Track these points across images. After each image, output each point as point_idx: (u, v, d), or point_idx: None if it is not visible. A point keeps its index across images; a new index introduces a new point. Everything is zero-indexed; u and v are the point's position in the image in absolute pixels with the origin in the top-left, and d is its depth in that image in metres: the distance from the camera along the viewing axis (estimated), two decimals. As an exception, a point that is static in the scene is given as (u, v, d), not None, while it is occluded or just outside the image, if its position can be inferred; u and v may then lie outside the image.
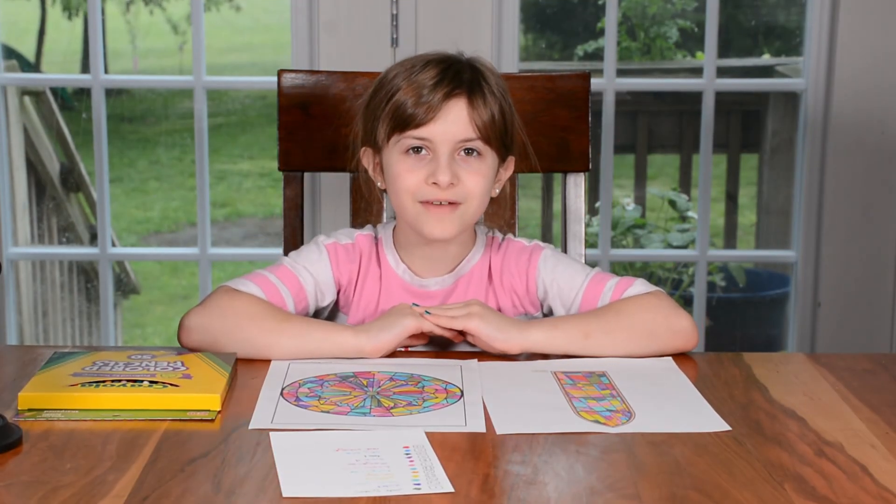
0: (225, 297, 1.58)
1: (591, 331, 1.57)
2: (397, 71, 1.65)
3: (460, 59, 1.65)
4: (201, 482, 1.16)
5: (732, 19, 4.06)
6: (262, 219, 6.72)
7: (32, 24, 7.01)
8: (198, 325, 1.56)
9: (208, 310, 1.57)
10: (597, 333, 1.57)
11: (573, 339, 1.57)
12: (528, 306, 1.70)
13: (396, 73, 1.64)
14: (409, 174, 1.61)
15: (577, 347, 1.57)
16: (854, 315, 2.80)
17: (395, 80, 1.63)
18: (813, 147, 2.77)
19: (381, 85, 1.66)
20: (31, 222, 3.89)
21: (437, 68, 1.62)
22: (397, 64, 1.67)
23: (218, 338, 1.55)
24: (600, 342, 1.57)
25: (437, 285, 1.69)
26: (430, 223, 1.61)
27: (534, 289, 1.69)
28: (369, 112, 1.67)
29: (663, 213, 4.06)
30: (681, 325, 1.59)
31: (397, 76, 1.64)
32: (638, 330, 1.58)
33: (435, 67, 1.62)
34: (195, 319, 1.57)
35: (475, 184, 1.62)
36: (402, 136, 1.61)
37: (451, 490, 1.14)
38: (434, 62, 1.63)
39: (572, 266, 1.69)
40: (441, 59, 1.64)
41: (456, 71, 1.62)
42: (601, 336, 1.57)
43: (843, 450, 1.26)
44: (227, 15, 7.99)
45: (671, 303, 1.61)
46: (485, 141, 1.62)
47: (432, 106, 1.59)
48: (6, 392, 1.41)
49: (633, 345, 1.58)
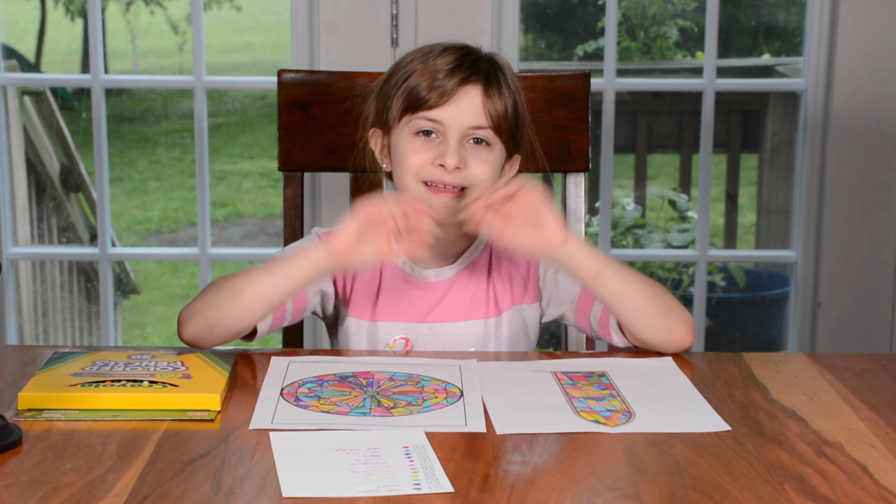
0: (208, 285, 1.60)
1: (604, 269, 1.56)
2: (414, 55, 1.66)
3: (479, 51, 1.66)
4: (201, 482, 1.16)
5: (732, 19, 4.06)
6: (262, 219, 6.72)
7: (32, 24, 7.01)
8: (189, 312, 1.56)
9: (196, 298, 1.58)
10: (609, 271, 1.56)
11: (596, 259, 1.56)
12: (525, 296, 1.70)
13: (413, 58, 1.65)
14: (416, 154, 1.61)
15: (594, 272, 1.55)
16: (854, 315, 2.80)
17: (412, 64, 1.64)
18: (813, 147, 2.77)
19: (396, 68, 1.66)
20: (31, 222, 3.89)
21: (456, 55, 1.63)
22: (414, 50, 1.68)
23: (206, 315, 1.54)
24: (611, 280, 1.56)
25: (437, 277, 1.69)
26: (433, 203, 1.60)
27: (535, 277, 1.69)
28: (383, 93, 1.67)
29: (663, 213, 4.06)
30: (684, 315, 1.59)
31: (414, 60, 1.64)
32: (648, 294, 1.57)
33: (453, 53, 1.63)
34: (186, 310, 1.57)
35: (482, 171, 1.61)
36: (414, 117, 1.62)
37: (451, 490, 1.14)
38: (452, 49, 1.64)
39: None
40: (460, 46, 1.66)
41: (474, 59, 1.63)
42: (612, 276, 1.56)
43: (843, 450, 1.26)
44: (227, 15, 7.98)
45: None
46: (495, 131, 1.62)
47: (447, 90, 1.60)
48: (6, 392, 1.41)
49: (638, 303, 1.56)
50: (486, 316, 1.69)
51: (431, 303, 1.68)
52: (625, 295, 1.57)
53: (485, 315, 1.69)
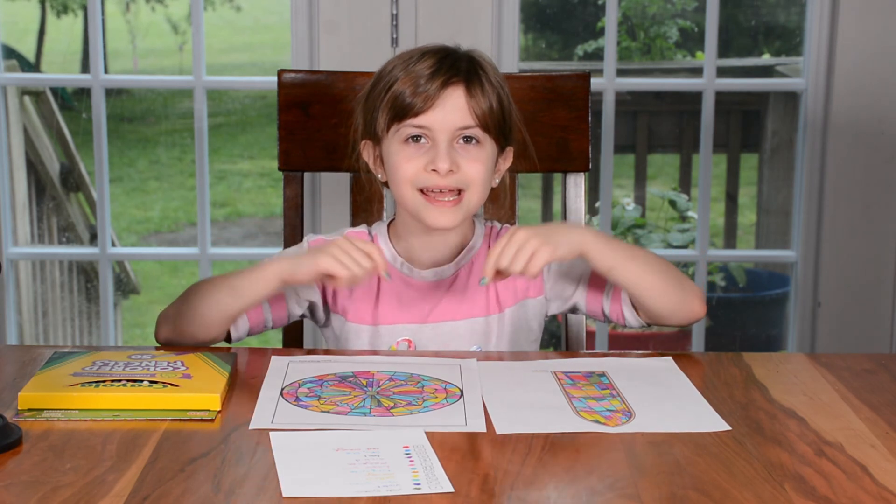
0: (189, 288, 1.64)
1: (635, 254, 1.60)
2: (395, 63, 1.66)
3: (457, 50, 1.67)
4: (201, 482, 1.16)
5: (732, 19, 4.06)
6: (262, 219, 6.72)
7: (32, 24, 7.01)
8: (164, 317, 1.63)
9: (174, 302, 1.64)
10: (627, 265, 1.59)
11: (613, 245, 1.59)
12: (529, 290, 1.70)
13: (394, 66, 1.65)
14: (409, 162, 1.62)
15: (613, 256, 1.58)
16: (854, 315, 2.80)
17: (393, 72, 1.64)
18: (813, 147, 2.77)
19: (379, 77, 1.67)
20: (31, 222, 3.89)
21: (434, 58, 1.63)
22: (395, 57, 1.68)
23: (177, 323, 1.61)
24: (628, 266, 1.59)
25: (436, 276, 1.69)
26: (432, 213, 1.62)
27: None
28: (368, 104, 1.68)
29: (663, 212, 4.06)
30: (694, 289, 1.63)
31: (395, 68, 1.65)
32: (664, 272, 1.61)
33: (432, 57, 1.63)
34: (163, 313, 1.63)
35: (475, 171, 1.62)
36: (401, 126, 1.62)
37: (451, 490, 1.14)
38: (431, 53, 1.65)
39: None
40: (438, 49, 1.66)
41: (453, 60, 1.64)
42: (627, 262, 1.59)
43: (843, 450, 1.26)
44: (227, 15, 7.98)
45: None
46: (483, 129, 1.62)
47: (430, 94, 1.60)
48: (6, 392, 1.41)
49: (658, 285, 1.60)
50: (487, 313, 1.69)
51: (432, 303, 1.68)
52: (639, 284, 1.60)
53: (486, 312, 1.69)
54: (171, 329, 1.62)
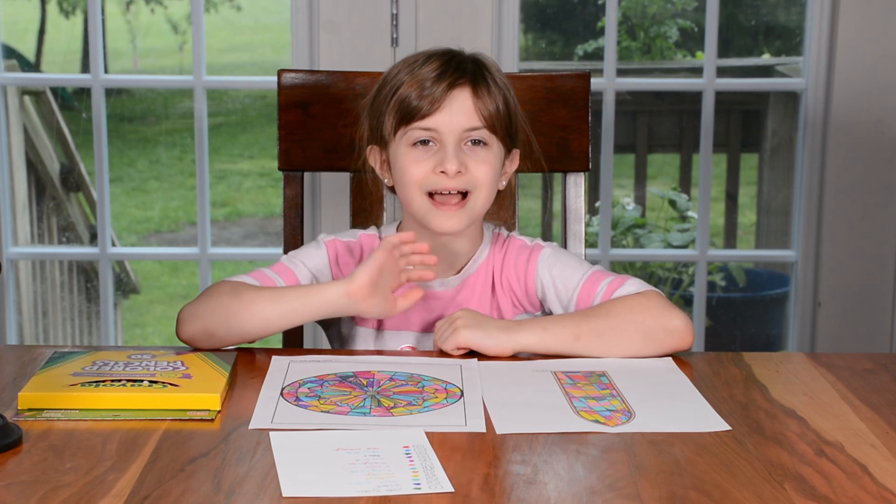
0: (214, 285, 1.60)
1: (581, 333, 1.56)
2: (400, 67, 1.66)
3: (462, 53, 1.67)
4: (201, 482, 1.16)
5: (732, 19, 4.06)
6: (262, 218, 6.72)
7: (32, 23, 7.01)
8: (190, 314, 1.57)
9: (199, 299, 1.58)
10: (587, 336, 1.56)
11: (563, 340, 1.56)
12: (528, 306, 1.71)
13: (399, 69, 1.65)
14: (417, 165, 1.62)
15: (568, 349, 1.56)
16: (854, 315, 2.80)
17: (399, 76, 1.64)
18: (813, 147, 2.77)
19: (384, 82, 1.67)
20: (31, 222, 3.89)
21: (440, 60, 1.63)
22: (399, 62, 1.68)
23: (207, 322, 1.55)
24: (591, 344, 1.56)
25: (443, 286, 1.69)
26: (439, 217, 1.62)
27: (533, 290, 1.69)
28: (374, 109, 1.68)
29: (663, 212, 4.06)
30: (674, 325, 1.57)
31: (400, 72, 1.65)
32: (629, 331, 1.56)
33: (437, 60, 1.64)
34: (188, 310, 1.58)
35: (483, 172, 1.62)
36: (409, 129, 1.62)
37: (451, 490, 1.14)
38: (436, 55, 1.65)
39: (570, 265, 1.68)
40: (443, 52, 1.66)
41: (458, 62, 1.64)
42: (592, 338, 1.56)
43: (843, 449, 1.26)
44: (227, 15, 7.99)
45: (664, 302, 1.59)
46: (490, 130, 1.62)
47: (436, 97, 1.60)
48: (6, 392, 1.41)
49: (625, 346, 1.56)
50: None
51: (437, 312, 1.68)
52: (601, 350, 1.56)
53: None
54: (200, 327, 1.55)
